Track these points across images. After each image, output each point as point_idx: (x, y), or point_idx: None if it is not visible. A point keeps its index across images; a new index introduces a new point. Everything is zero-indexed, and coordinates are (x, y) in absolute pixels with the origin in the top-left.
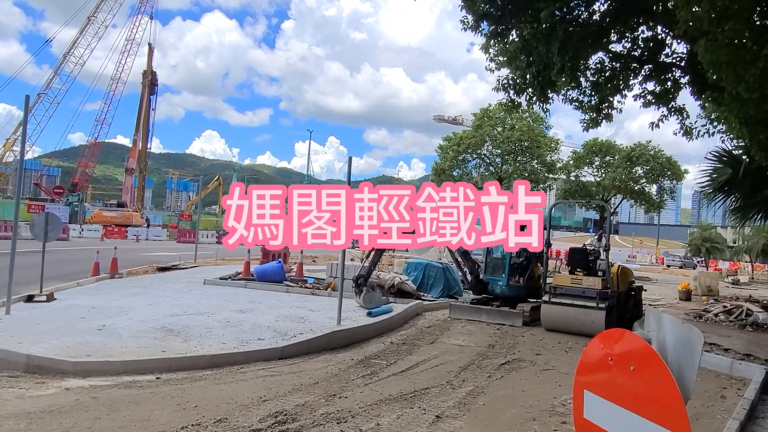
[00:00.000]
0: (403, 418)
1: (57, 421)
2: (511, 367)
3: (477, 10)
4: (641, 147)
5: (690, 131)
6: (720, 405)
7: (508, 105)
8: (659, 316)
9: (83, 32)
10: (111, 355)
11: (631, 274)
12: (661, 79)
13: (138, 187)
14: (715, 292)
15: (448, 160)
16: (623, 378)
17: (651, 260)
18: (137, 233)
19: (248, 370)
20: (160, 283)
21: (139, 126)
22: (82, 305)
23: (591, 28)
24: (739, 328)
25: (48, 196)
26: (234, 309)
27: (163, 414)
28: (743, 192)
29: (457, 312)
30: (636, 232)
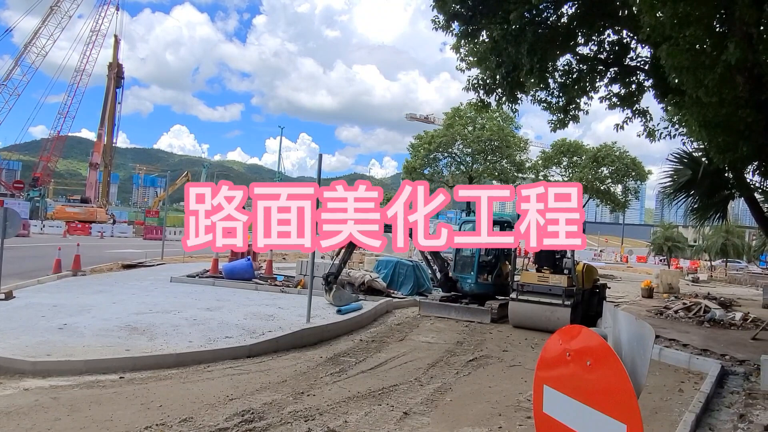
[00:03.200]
0: (371, 415)
1: (15, 423)
2: (478, 364)
3: (448, 11)
4: (607, 148)
5: (653, 133)
6: (678, 398)
7: (478, 105)
8: (615, 312)
9: (46, 22)
10: (72, 354)
11: (596, 272)
12: (625, 82)
13: (103, 182)
14: (676, 290)
15: (420, 158)
16: (580, 373)
17: (616, 258)
18: (102, 230)
19: (215, 368)
20: (125, 280)
21: (104, 120)
22: (42, 303)
23: (559, 30)
24: (697, 324)
25: (8, 191)
26: (201, 307)
27: (127, 414)
28: (702, 193)
29: (426, 309)
30: (601, 231)
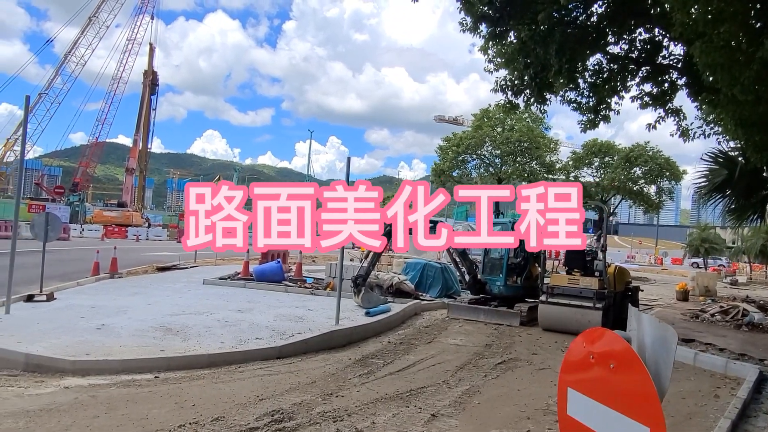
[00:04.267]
0: (399, 416)
1: (55, 420)
2: (507, 367)
3: (475, 12)
4: (640, 148)
5: (687, 132)
6: (713, 404)
7: (507, 106)
8: (639, 315)
9: (84, 32)
10: (110, 354)
11: (628, 274)
12: (658, 80)
13: (138, 186)
14: (713, 293)
15: (448, 160)
16: (604, 376)
17: (650, 261)
18: (137, 233)
19: (246, 369)
20: (160, 282)
21: (139, 126)
22: (81, 305)
23: (588, 29)
24: (735, 328)
25: (49, 196)
26: (233, 309)
27: (161, 412)
28: (739, 193)
29: (455, 312)
30: (635, 232)
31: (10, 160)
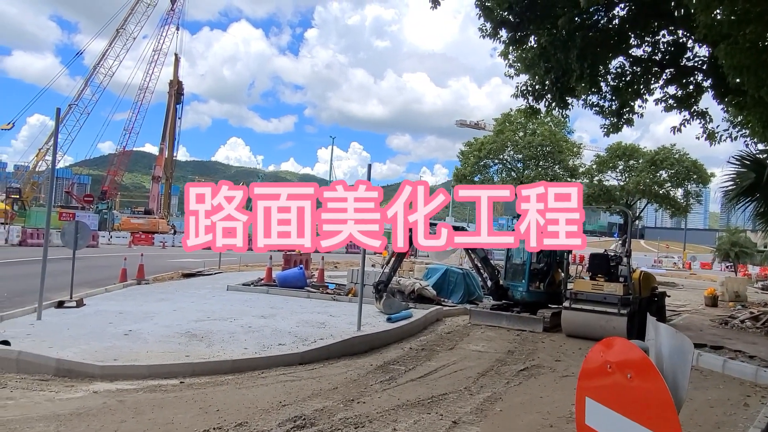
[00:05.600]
0: (420, 423)
1: (85, 424)
2: (530, 374)
3: (495, 18)
4: (665, 150)
5: (713, 135)
6: (743, 413)
7: (528, 111)
8: (656, 325)
9: (112, 44)
10: (137, 359)
11: (654, 279)
12: (682, 83)
13: (164, 194)
14: (743, 298)
15: (470, 165)
16: (621, 385)
17: (677, 265)
18: (163, 240)
19: (269, 375)
20: (185, 289)
21: (165, 134)
22: (110, 311)
23: (610, 33)
24: (765, 334)
25: (79, 204)
26: (256, 314)
27: (186, 417)
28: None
29: (477, 318)
30: (662, 236)
31: (42, 169)
